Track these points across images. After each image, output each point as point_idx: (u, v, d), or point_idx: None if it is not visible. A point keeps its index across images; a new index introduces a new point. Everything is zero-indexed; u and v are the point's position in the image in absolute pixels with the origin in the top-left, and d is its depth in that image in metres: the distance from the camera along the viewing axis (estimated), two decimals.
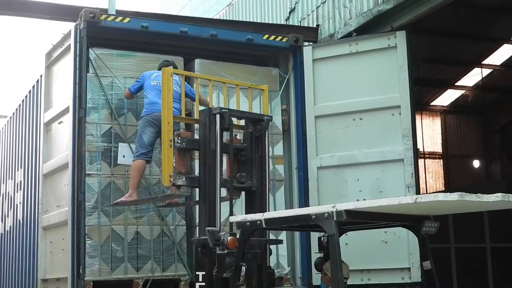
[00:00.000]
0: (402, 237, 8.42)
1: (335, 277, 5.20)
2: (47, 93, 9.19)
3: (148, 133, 7.96)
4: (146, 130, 7.98)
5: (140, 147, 8.00)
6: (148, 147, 8.00)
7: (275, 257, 8.58)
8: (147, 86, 8.16)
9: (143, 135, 8.00)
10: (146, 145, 7.98)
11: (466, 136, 24.94)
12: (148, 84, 8.14)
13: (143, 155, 7.99)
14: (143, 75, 8.28)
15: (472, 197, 4.88)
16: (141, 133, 8.04)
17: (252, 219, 5.87)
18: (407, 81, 8.87)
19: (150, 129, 7.97)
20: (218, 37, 8.98)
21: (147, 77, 8.22)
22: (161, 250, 8.42)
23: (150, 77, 8.19)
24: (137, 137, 8.10)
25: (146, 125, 8.00)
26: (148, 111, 8.02)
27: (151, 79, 8.16)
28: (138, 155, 8.01)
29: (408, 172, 8.70)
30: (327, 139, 9.13)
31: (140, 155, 7.99)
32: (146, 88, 8.16)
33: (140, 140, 8.02)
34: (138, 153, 8.01)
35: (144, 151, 7.99)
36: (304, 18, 11.47)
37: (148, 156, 8.05)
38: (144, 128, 8.01)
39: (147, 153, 8.01)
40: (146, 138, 7.98)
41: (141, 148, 7.99)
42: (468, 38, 18.64)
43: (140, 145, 8.01)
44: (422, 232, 5.73)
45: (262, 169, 7.29)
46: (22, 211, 10.30)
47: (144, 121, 8.06)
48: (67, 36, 8.54)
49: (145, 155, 8.01)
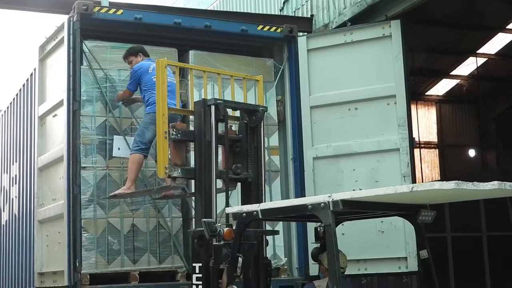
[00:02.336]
0: (398, 227, 8.43)
1: (332, 267, 5.20)
2: (41, 86, 9.15)
3: (152, 131, 7.88)
4: (150, 128, 7.89)
5: (140, 142, 7.94)
6: (148, 144, 7.96)
7: (271, 248, 8.58)
8: (148, 81, 8.06)
9: (146, 132, 7.93)
10: (146, 142, 7.93)
11: (462, 126, 24.97)
12: (150, 79, 8.02)
13: (142, 150, 7.95)
14: (136, 70, 8.16)
15: (468, 185, 4.88)
16: (144, 129, 7.97)
17: (248, 210, 5.86)
18: (402, 70, 8.86)
19: (153, 127, 7.88)
20: (212, 28, 8.95)
21: (144, 71, 8.13)
22: (157, 242, 8.41)
23: (148, 71, 8.09)
24: (139, 132, 8.03)
25: (151, 122, 7.87)
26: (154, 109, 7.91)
27: (150, 73, 8.05)
28: (137, 149, 7.96)
29: (404, 162, 8.70)
30: (322, 130, 9.12)
31: (139, 150, 7.94)
32: (149, 84, 8.03)
33: (142, 135, 7.95)
34: (138, 147, 7.95)
35: (143, 147, 7.95)
36: (298, 8, 11.44)
37: (146, 152, 8.02)
38: (149, 125, 7.92)
39: (146, 149, 7.98)
40: (149, 135, 7.91)
41: (141, 143, 7.94)
42: (462, 27, 18.64)
43: (140, 140, 7.95)
44: (419, 221, 5.74)
45: (257, 160, 7.28)
46: (17, 205, 10.28)
47: (149, 117, 7.94)
48: (60, 28, 8.50)
49: (143, 150, 7.97)
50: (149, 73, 8.07)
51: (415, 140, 9.06)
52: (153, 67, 8.00)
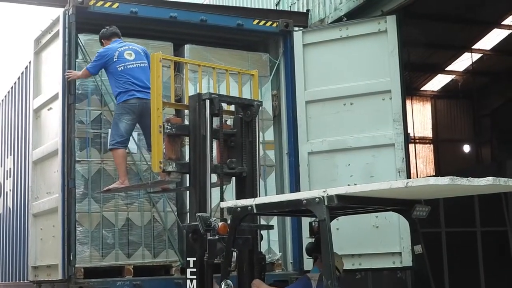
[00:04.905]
0: (393, 222, 8.44)
1: (326, 262, 5.20)
2: (36, 80, 9.13)
3: (125, 120, 7.86)
4: (123, 118, 7.86)
5: (116, 135, 7.87)
6: (125, 135, 7.89)
7: (266, 242, 8.58)
8: (114, 71, 7.93)
9: (119, 123, 7.87)
10: (122, 134, 7.86)
11: (456, 121, 25.00)
12: (115, 69, 7.93)
13: (119, 143, 7.86)
14: (103, 55, 7.96)
15: (463, 181, 4.88)
16: (117, 121, 7.89)
17: (243, 204, 5.86)
18: (397, 65, 8.86)
19: (126, 117, 7.88)
20: (207, 22, 8.95)
21: (110, 58, 7.94)
22: (152, 237, 8.40)
23: (113, 59, 7.93)
24: (113, 124, 7.95)
25: (122, 112, 7.87)
26: (123, 99, 7.88)
27: (115, 62, 7.92)
28: (113, 144, 7.87)
29: (399, 157, 8.71)
30: (317, 124, 9.12)
31: (116, 144, 7.86)
32: (115, 74, 7.94)
33: (116, 127, 7.88)
34: (114, 141, 7.86)
35: (120, 140, 7.86)
36: (294, 3, 11.41)
37: (125, 145, 7.94)
38: (120, 115, 7.87)
39: (123, 141, 7.89)
40: (122, 126, 7.86)
41: (117, 137, 7.86)
42: (458, 22, 18.64)
43: (116, 133, 7.87)
44: (413, 216, 5.75)
45: (252, 154, 7.28)
46: (12, 198, 10.26)
47: (119, 108, 7.91)
48: (55, 22, 8.48)
49: (121, 143, 7.88)
50: (114, 61, 7.95)
51: (410, 135, 9.07)
52: (118, 54, 7.94)
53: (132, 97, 7.84)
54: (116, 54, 7.99)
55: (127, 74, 7.91)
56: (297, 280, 7.28)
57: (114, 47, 8.08)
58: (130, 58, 8.00)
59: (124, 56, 8.00)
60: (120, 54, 7.98)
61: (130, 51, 8.06)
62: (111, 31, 8.23)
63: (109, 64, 7.99)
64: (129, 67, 7.95)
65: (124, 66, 7.93)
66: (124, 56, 8.00)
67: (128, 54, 8.03)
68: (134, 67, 7.93)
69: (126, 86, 7.88)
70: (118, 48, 8.05)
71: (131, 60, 7.99)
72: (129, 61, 7.98)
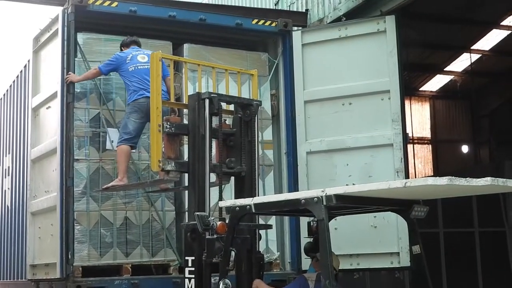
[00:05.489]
0: (391, 222, 8.44)
1: (324, 261, 5.20)
2: (35, 78, 9.13)
3: (133, 119, 7.93)
4: (132, 117, 7.94)
5: (124, 133, 7.98)
6: (132, 133, 7.96)
7: (264, 242, 8.59)
8: (125, 71, 8.08)
9: (128, 122, 7.97)
10: (130, 131, 7.94)
11: (455, 121, 24.98)
12: (126, 69, 8.06)
13: (126, 140, 7.96)
14: (118, 58, 8.13)
15: (462, 181, 4.88)
16: (126, 119, 8.01)
17: (242, 204, 5.86)
18: (396, 65, 8.86)
19: (135, 115, 7.93)
20: (207, 22, 8.95)
21: (123, 61, 8.10)
22: (150, 236, 8.41)
23: (126, 61, 8.10)
24: (123, 123, 8.09)
25: (132, 111, 7.97)
26: (133, 98, 7.98)
27: (127, 63, 8.07)
28: (121, 140, 7.99)
29: (398, 157, 8.71)
30: (316, 124, 9.12)
31: (123, 141, 7.97)
32: (125, 73, 8.08)
33: (125, 126, 8.00)
34: (122, 138, 8.00)
35: (127, 137, 7.95)
36: (293, 3, 11.41)
37: (132, 142, 8.02)
38: (130, 114, 7.98)
39: (130, 139, 7.97)
40: (131, 125, 7.94)
41: (125, 134, 7.97)
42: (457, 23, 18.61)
43: (124, 131, 7.98)
44: (411, 217, 5.75)
45: (251, 154, 7.28)
46: (10, 197, 10.26)
47: (130, 107, 8.03)
48: (54, 20, 8.48)
49: (128, 140, 7.96)
50: (126, 63, 8.08)
51: (409, 135, 9.07)
52: (131, 57, 8.06)
53: (142, 96, 7.89)
54: (129, 56, 8.10)
55: (138, 75, 7.98)
56: (294, 280, 7.27)
57: (129, 51, 8.21)
58: (142, 61, 8.08)
59: (137, 58, 8.09)
60: (133, 56, 8.10)
61: (143, 55, 8.16)
62: (131, 39, 8.37)
63: (121, 66, 8.08)
64: (140, 68, 8.00)
65: (135, 67, 7.99)
66: (137, 58, 8.09)
67: (141, 57, 8.12)
68: (145, 68, 7.93)
69: (136, 85, 7.94)
70: (133, 52, 8.17)
71: (142, 62, 8.05)
72: (141, 63, 8.05)
